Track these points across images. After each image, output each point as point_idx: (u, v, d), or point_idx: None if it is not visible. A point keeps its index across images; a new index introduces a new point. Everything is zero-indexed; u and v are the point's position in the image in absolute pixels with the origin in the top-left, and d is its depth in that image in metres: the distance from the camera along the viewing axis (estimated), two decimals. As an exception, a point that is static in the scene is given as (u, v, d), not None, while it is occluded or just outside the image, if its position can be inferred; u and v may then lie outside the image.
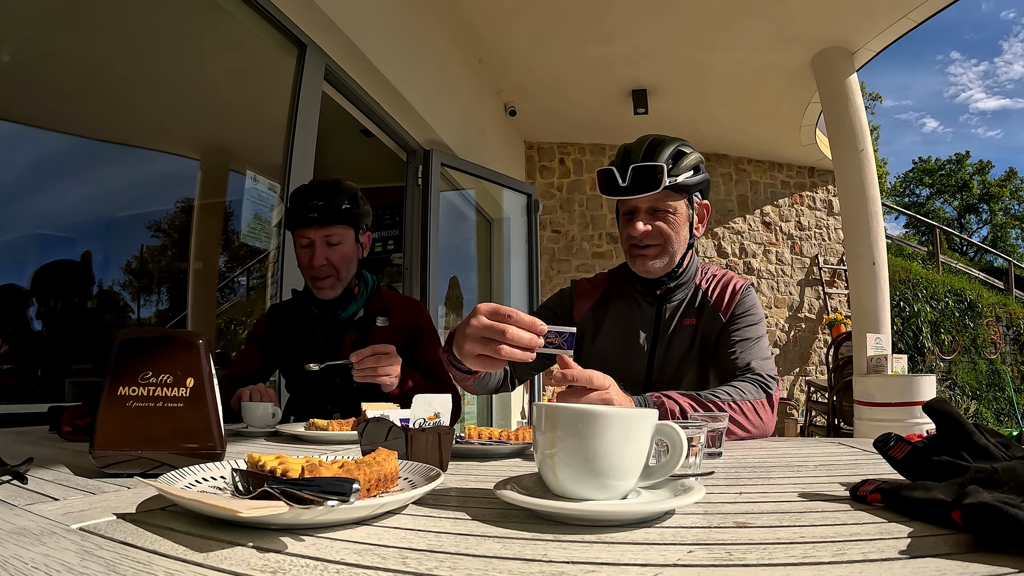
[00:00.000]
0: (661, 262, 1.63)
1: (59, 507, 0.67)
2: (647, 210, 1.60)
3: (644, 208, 1.60)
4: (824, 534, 0.56)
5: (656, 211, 1.60)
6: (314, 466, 0.65)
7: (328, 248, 1.94)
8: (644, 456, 0.64)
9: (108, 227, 2.96)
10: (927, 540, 0.53)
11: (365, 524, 0.60)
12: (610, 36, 5.48)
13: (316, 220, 1.92)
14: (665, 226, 1.59)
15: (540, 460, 0.67)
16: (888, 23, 5.16)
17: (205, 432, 0.89)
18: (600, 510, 0.59)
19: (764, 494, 0.76)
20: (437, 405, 0.97)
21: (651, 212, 1.60)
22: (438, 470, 0.75)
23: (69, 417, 1.31)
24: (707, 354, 1.66)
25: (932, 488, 0.64)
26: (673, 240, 1.61)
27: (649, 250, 1.62)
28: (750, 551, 0.50)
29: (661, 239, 1.60)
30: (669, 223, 1.60)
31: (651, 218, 1.60)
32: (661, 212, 1.59)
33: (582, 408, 0.63)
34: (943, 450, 0.75)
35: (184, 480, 0.71)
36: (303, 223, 1.93)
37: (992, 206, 30.92)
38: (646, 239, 1.60)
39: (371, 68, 3.71)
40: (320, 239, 1.93)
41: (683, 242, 1.63)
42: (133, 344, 0.90)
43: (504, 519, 0.62)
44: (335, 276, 1.96)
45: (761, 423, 1.48)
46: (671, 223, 1.60)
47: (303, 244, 1.95)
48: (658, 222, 1.60)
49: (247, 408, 1.66)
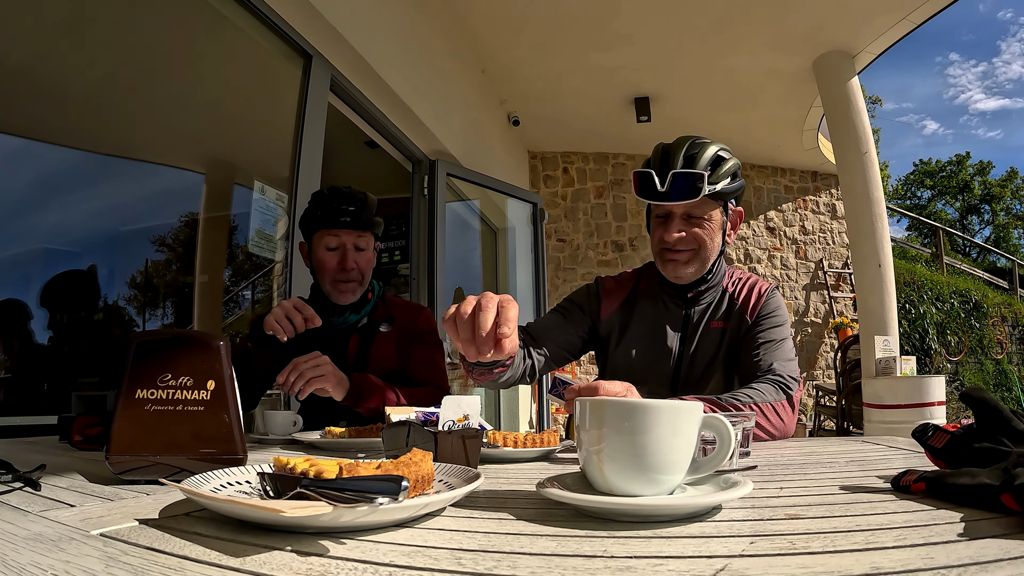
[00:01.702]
0: (692, 268, 1.61)
1: (76, 513, 0.64)
2: (682, 216, 1.57)
3: (679, 213, 1.57)
4: (879, 522, 0.55)
5: (691, 217, 1.57)
6: (352, 467, 0.62)
7: (356, 252, 1.96)
8: (692, 450, 0.62)
9: (113, 241, 2.95)
10: (981, 524, 0.53)
11: (405, 527, 0.57)
12: (611, 45, 5.50)
13: (349, 224, 1.93)
14: (701, 232, 1.57)
15: (585, 457, 0.65)
16: (888, 25, 5.17)
17: (227, 437, 0.86)
18: (653, 504, 0.57)
19: (805, 488, 0.75)
20: (466, 407, 0.96)
21: (686, 218, 1.57)
22: (476, 471, 0.73)
23: (80, 426, 1.28)
24: (735, 357, 1.64)
25: (978, 474, 0.63)
26: (706, 246, 1.59)
27: (681, 255, 1.59)
28: (812, 539, 0.49)
29: (695, 244, 1.58)
30: (704, 229, 1.57)
31: (686, 224, 1.57)
32: (696, 219, 1.57)
33: (630, 402, 0.62)
34: (983, 437, 0.75)
35: (208, 485, 0.68)
36: (336, 224, 1.93)
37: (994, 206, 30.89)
38: (680, 244, 1.58)
39: (376, 79, 3.72)
40: (351, 243, 1.95)
41: (716, 249, 1.62)
42: (151, 346, 0.86)
43: (549, 518, 0.59)
44: (359, 281, 1.98)
45: (782, 424, 1.47)
46: (706, 230, 1.57)
47: (331, 246, 1.95)
48: (694, 228, 1.57)
49: (269, 416, 1.64)
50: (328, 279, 1.97)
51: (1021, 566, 0.41)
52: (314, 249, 1.99)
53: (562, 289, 7.53)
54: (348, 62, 3.53)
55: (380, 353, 2.00)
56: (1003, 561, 0.42)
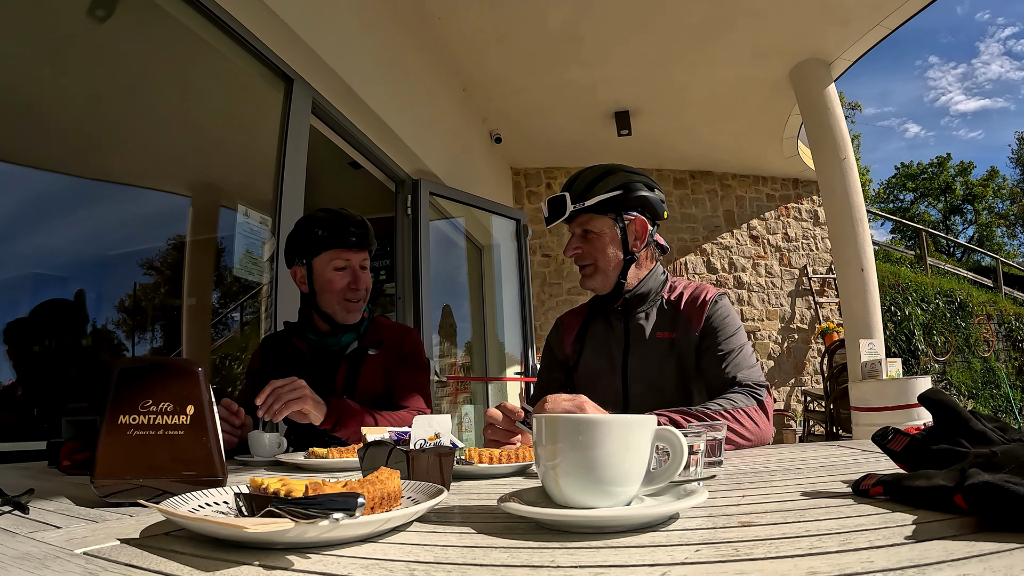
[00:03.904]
0: (596, 280, 1.74)
1: (62, 534, 0.67)
2: (579, 234, 1.74)
3: (577, 233, 1.75)
4: (829, 527, 0.56)
5: (585, 233, 1.73)
6: (317, 485, 0.65)
7: (363, 272, 2.01)
8: (645, 462, 0.64)
9: (101, 266, 2.95)
10: (932, 525, 0.54)
11: (371, 541, 0.60)
12: (590, 60, 5.56)
13: (356, 244, 1.99)
14: (590, 247, 1.72)
15: (543, 472, 0.67)
16: (863, 32, 5.25)
17: (206, 459, 0.89)
18: (605, 515, 0.59)
19: (767, 495, 0.77)
20: (437, 425, 0.97)
21: (581, 236, 1.74)
22: (440, 487, 0.75)
23: (68, 451, 1.30)
24: (684, 366, 1.68)
25: (933, 476, 0.64)
26: (600, 259, 1.71)
27: (585, 269, 1.75)
28: (756, 546, 0.50)
29: (590, 259, 1.73)
30: (592, 243, 1.72)
31: (581, 241, 1.74)
32: (588, 234, 1.72)
33: (582, 418, 0.64)
34: (941, 439, 0.76)
35: (187, 505, 0.71)
36: (347, 244, 1.97)
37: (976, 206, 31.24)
38: (579, 260, 1.75)
39: (357, 101, 3.75)
40: (357, 262, 2.00)
41: (613, 259, 1.72)
42: (132, 373, 0.90)
43: (509, 531, 0.62)
44: (364, 300, 2.02)
45: (758, 429, 1.49)
46: (595, 244, 1.71)
47: (340, 267, 1.98)
48: (586, 244, 1.72)
49: (254, 437, 1.65)
50: (337, 299, 1.99)
51: (961, 568, 0.42)
52: (319, 271, 1.99)
53: (548, 304, 7.55)
54: (329, 85, 3.56)
55: (368, 377, 2.01)
56: (943, 563, 0.43)
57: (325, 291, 1.99)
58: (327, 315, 2.01)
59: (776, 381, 8.12)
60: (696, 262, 8.15)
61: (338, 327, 2.02)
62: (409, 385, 2.03)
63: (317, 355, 2.04)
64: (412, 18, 4.63)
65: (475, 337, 5.88)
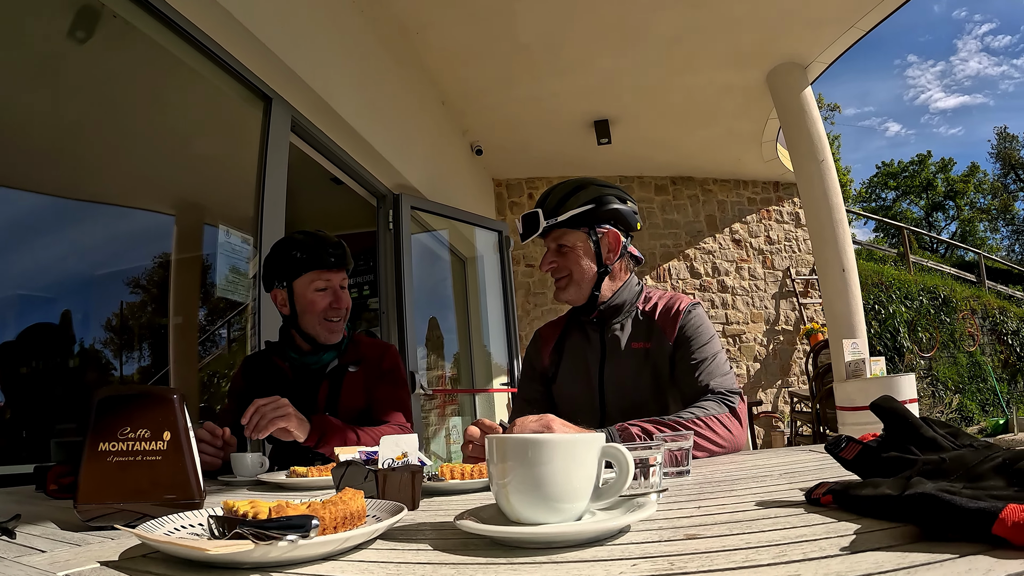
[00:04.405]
0: (570, 292, 1.78)
1: (46, 558, 0.70)
2: (554, 248, 1.79)
3: (552, 247, 1.79)
4: (770, 538, 0.57)
5: (560, 248, 1.77)
6: (281, 507, 0.68)
7: (341, 291, 2.03)
8: (593, 478, 0.66)
9: (87, 285, 2.96)
10: (872, 535, 0.55)
11: (332, 559, 0.63)
12: (568, 70, 5.59)
13: (335, 264, 2.01)
14: (565, 260, 1.76)
15: (496, 490, 0.70)
16: (837, 35, 5.30)
17: (184, 483, 0.92)
18: (551, 532, 0.61)
19: (722, 506, 0.78)
20: (404, 445, 0.98)
21: (556, 250, 1.79)
22: (401, 505, 0.77)
23: (55, 476, 1.33)
24: (660, 376, 1.71)
25: (880, 484, 0.65)
26: (575, 271, 1.75)
27: (560, 282, 1.79)
28: (691, 560, 0.52)
29: (565, 271, 1.76)
30: (567, 257, 1.76)
31: (556, 255, 1.78)
32: (562, 248, 1.77)
33: (528, 437, 0.67)
34: (892, 446, 0.78)
35: (164, 528, 0.74)
36: (327, 265, 2.00)
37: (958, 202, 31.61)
38: (554, 273, 1.79)
39: (336, 118, 3.76)
40: (337, 282, 2.02)
41: (587, 272, 1.76)
42: (111, 401, 0.93)
43: (465, 548, 0.64)
44: (344, 319, 2.05)
45: (731, 436, 1.51)
46: (568, 257, 1.76)
47: (320, 287, 2.00)
48: (561, 258, 1.77)
49: (236, 459, 1.66)
50: (319, 319, 2.01)
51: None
52: (300, 292, 2.01)
53: (533, 314, 7.56)
54: (308, 102, 3.57)
55: (349, 394, 2.03)
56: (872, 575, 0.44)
57: (307, 312, 2.01)
58: (309, 336, 2.03)
59: (763, 383, 8.16)
60: (679, 267, 8.19)
61: (319, 346, 2.04)
62: (389, 400, 2.06)
63: (298, 374, 2.06)
64: (389, 33, 4.65)
65: (461, 349, 5.88)
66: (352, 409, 1.99)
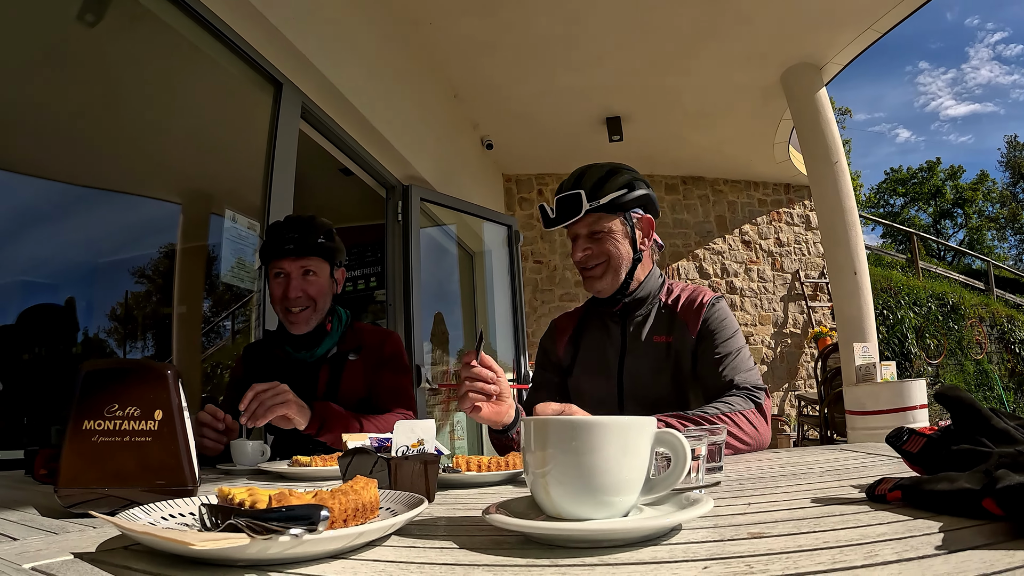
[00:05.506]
0: (606, 281, 1.68)
1: (16, 547, 0.63)
2: (586, 235, 1.67)
3: (583, 234, 1.67)
4: (849, 537, 0.51)
5: (594, 234, 1.66)
6: (284, 496, 0.59)
7: (304, 280, 1.92)
8: (645, 468, 0.58)
9: (92, 273, 2.92)
10: (961, 533, 0.50)
11: (342, 557, 0.54)
12: (582, 66, 5.53)
13: (292, 251, 1.91)
14: (605, 246, 1.66)
15: (532, 481, 0.62)
16: (853, 36, 5.25)
17: (175, 467, 0.83)
18: (601, 528, 0.53)
19: (775, 503, 0.71)
20: (420, 431, 0.91)
21: (589, 236, 1.67)
22: (421, 497, 0.69)
23: (44, 459, 1.25)
24: (681, 370, 1.65)
25: (956, 478, 0.60)
26: (613, 257, 1.66)
27: (595, 270, 1.68)
28: (772, 562, 0.45)
29: (603, 257, 1.66)
30: (607, 242, 1.66)
31: (589, 241, 1.67)
32: (598, 234, 1.66)
33: (576, 420, 0.58)
34: (961, 438, 0.71)
35: (150, 516, 0.65)
36: (279, 255, 1.91)
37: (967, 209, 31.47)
38: (588, 261, 1.67)
39: (348, 105, 3.70)
40: (296, 270, 1.92)
41: (625, 258, 1.67)
42: (98, 376, 0.85)
43: (496, 546, 0.56)
44: (312, 308, 1.94)
45: (756, 433, 1.45)
46: (608, 242, 1.65)
47: (277, 275, 1.93)
48: (596, 243, 1.66)
49: (236, 446, 1.60)
50: (279, 309, 1.95)
51: (1004, 581, 0.37)
52: (268, 281, 1.97)
53: (540, 311, 7.50)
54: (319, 89, 3.52)
55: (350, 382, 1.98)
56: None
57: (271, 302, 1.97)
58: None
59: (770, 386, 8.09)
60: (688, 267, 8.12)
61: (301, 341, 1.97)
62: (392, 388, 2.00)
63: (297, 362, 2.00)
64: (403, 23, 4.59)
65: (467, 344, 5.81)
66: (352, 398, 1.93)
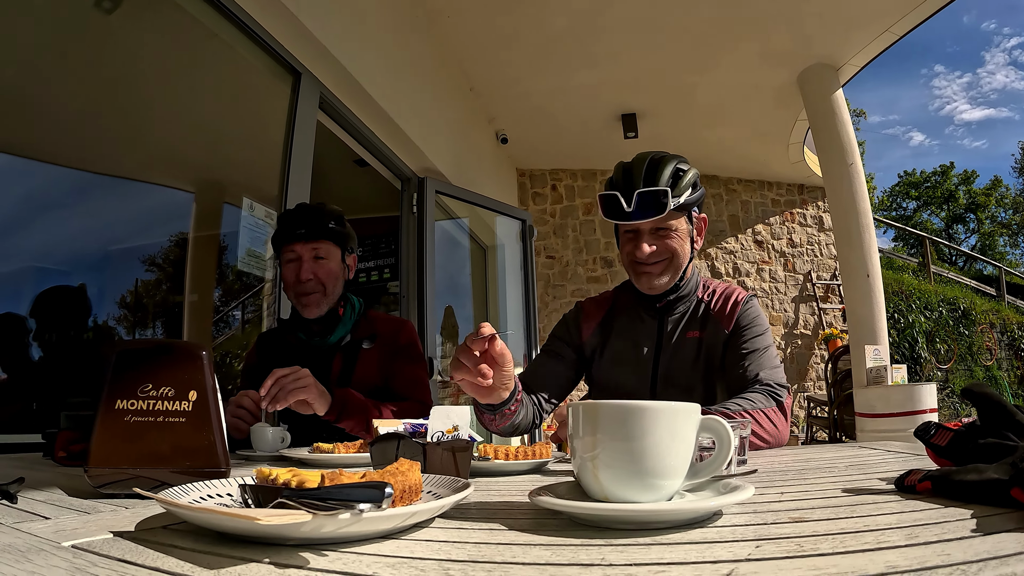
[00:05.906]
0: (666, 277, 1.64)
1: (50, 525, 0.63)
2: (650, 231, 1.60)
3: (647, 229, 1.60)
4: (887, 522, 0.53)
5: (659, 230, 1.60)
6: (335, 476, 0.59)
7: (315, 263, 1.95)
8: (691, 453, 0.60)
9: (103, 260, 2.93)
10: (993, 519, 0.51)
11: (391, 538, 0.54)
12: (598, 62, 5.53)
13: (303, 236, 1.94)
14: (671, 243, 1.61)
15: (579, 464, 0.62)
16: (871, 38, 5.22)
17: (208, 449, 0.83)
18: (652, 509, 0.55)
19: (806, 492, 0.73)
20: (456, 417, 0.93)
21: (654, 232, 1.60)
22: (465, 480, 0.71)
23: (64, 441, 1.25)
24: (712, 367, 1.65)
25: (984, 470, 0.62)
26: (678, 256, 1.62)
27: (655, 267, 1.62)
28: (820, 541, 0.46)
29: (668, 255, 1.61)
30: (674, 240, 1.61)
31: (654, 237, 1.60)
32: (664, 231, 1.60)
33: (626, 405, 0.59)
34: (987, 432, 0.73)
35: (187, 496, 0.65)
36: (291, 239, 1.94)
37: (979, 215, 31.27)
38: (652, 258, 1.60)
39: (365, 97, 3.71)
40: (308, 254, 1.94)
41: (686, 256, 1.65)
42: (132, 355, 0.84)
43: (541, 528, 0.57)
44: (321, 292, 1.96)
45: (776, 431, 1.46)
46: (675, 240, 1.61)
47: (290, 260, 1.95)
48: (664, 240, 1.60)
49: (256, 431, 1.61)
50: (292, 293, 1.97)
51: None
52: (280, 266, 2.00)
53: (552, 306, 7.51)
54: (337, 80, 3.52)
55: (363, 370, 1.99)
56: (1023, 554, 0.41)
57: (284, 287, 2.00)
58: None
59: (780, 387, 8.07)
60: (701, 266, 8.12)
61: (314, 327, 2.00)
62: (409, 378, 2.01)
63: (311, 349, 2.01)
64: (421, 15, 4.60)
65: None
66: (365, 386, 1.94)
